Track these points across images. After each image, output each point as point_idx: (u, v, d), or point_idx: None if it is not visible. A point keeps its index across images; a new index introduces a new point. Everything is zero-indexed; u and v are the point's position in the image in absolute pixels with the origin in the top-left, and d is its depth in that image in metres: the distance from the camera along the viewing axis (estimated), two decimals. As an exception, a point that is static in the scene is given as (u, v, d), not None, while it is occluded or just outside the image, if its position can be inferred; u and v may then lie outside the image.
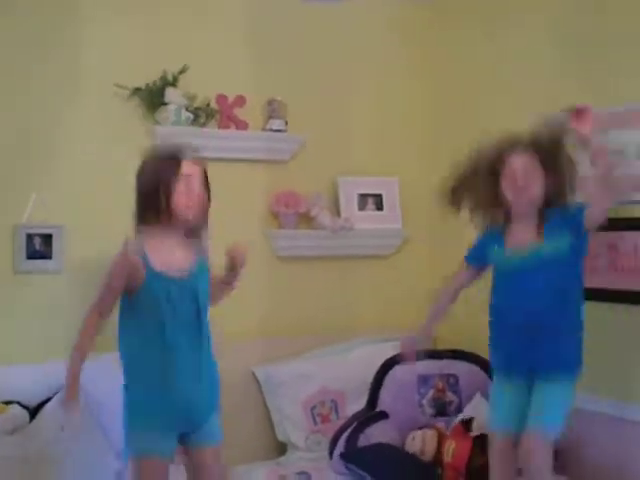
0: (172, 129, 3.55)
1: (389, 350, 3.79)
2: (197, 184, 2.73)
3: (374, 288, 4.15)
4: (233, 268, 2.83)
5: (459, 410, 3.63)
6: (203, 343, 2.76)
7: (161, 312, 2.66)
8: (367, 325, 4.05)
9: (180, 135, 3.54)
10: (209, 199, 2.77)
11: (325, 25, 4.04)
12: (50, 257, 3.41)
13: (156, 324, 2.66)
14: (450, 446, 3.30)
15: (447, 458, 3.30)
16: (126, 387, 2.74)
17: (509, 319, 2.94)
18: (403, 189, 4.15)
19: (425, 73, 4.27)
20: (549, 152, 2.94)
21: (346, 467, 3.40)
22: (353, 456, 3.40)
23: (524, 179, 2.90)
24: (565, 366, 2.91)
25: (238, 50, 3.82)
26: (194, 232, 2.79)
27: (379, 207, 4.14)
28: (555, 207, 2.94)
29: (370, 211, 4.13)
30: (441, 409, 3.66)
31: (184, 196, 2.69)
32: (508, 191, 2.93)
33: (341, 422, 3.60)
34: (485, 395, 3.62)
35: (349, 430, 3.50)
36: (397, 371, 3.70)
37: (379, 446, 3.42)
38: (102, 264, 3.41)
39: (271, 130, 3.84)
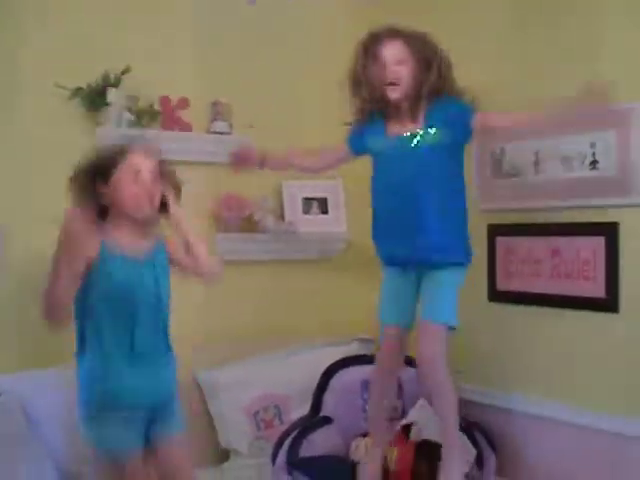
0: (114, 130, 3.49)
1: (333, 355, 3.79)
2: (147, 177, 2.70)
3: (318, 292, 4.13)
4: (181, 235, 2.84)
5: (403, 415, 3.63)
6: (159, 325, 2.73)
7: (114, 291, 2.62)
8: (311, 329, 4.03)
9: (122, 137, 3.50)
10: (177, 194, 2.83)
11: (271, 26, 4.02)
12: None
13: (108, 301, 2.62)
14: (392, 454, 3.30)
15: (391, 466, 3.30)
16: (82, 373, 2.68)
17: (388, 204, 3.01)
18: (348, 189, 4.14)
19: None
20: (422, 45, 3.01)
21: (289, 473, 3.38)
22: (296, 463, 3.38)
23: (395, 72, 2.98)
24: (450, 253, 2.98)
25: (182, 51, 3.78)
26: (148, 224, 2.78)
27: (324, 211, 4.13)
28: (437, 99, 2.99)
29: (314, 215, 4.11)
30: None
31: (130, 189, 2.67)
32: (378, 82, 3.01)
33: (285, 427, 3.58)
34: (428, 398, 3.64)
35: (292, 435, 3.48)
36: (341, 376, 3.70)
37: (322, 456, 3.42)
38: (41, 266, 3.39)
39: (215, 132, 3.81)
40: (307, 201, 4.10)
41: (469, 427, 3.53)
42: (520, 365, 3.58)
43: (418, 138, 2.96)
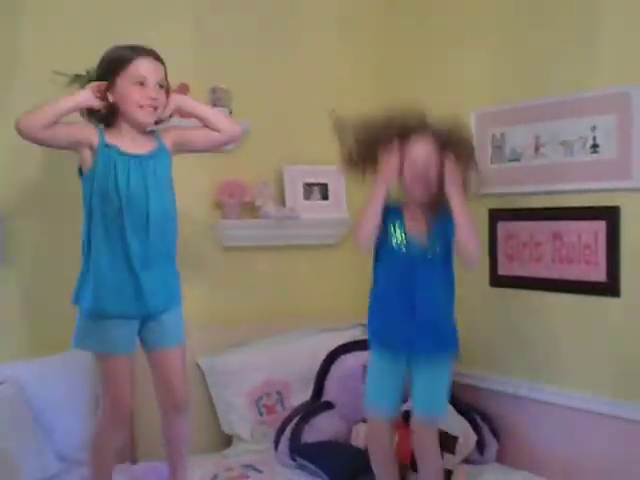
0: (113, 117, 3.49)
1: (335, 340, 3.79)
2: (152, 84, 2.75)
3: (319, 278, 4.13)
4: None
5: (405, 400, 3.63)
6: (150, 229, 2.75)
7: (106, 189, 2.69)
8: (313, 315, 4.03)
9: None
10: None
11: (270, 11, 4.01)
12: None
13: (101, 203, 2.69)
14: (393, 439, 3.30)
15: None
16: (82, 273, 2.77)
17: (393, 304, 3.01)
18: (349, 178, 4.13)
19: (372, 59, 4.25)
20: (453, 146, 2.98)
21: (292, 459, 3.40)
22: (299, 448, 3.39)
23: (425, 172, 2.96)
24: (444, 347, 3.02)
25: (182, 37, 3.76)
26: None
27: (325, 196, 4.12)
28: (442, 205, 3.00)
29: (315, 200, 4.11)
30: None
31: (136, 94, 2.72)
32: (408, 176, 2.98)
33: (287, 413, 3.59)
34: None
35: (294, 421, 3.49)
36: (342, 361, 3.70)
37: (325, 442, 3.44)
38: (42, 253, 3.40)
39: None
40: (308, 187, 4.09)
41: (470, 412, 3.54)
42: (522, 350, 3.58)
43: (429, 248, 3.00)
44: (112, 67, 2.77)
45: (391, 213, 3.03)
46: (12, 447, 2.94)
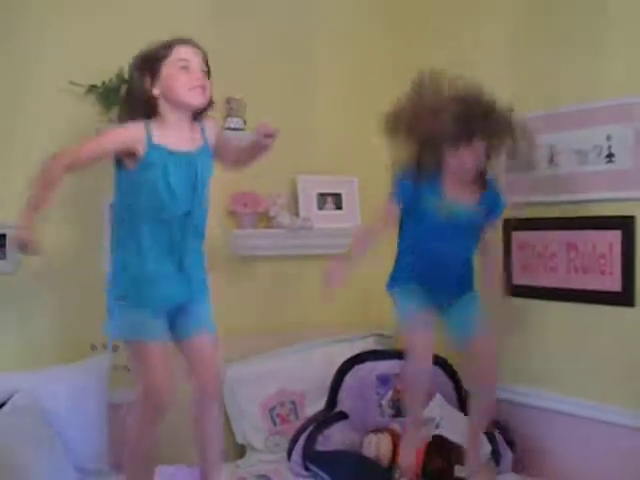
0: (129, 127, 3.50)
1: (349, 350, 3.78)
2: (196, 67, 2.76)
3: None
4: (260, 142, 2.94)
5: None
6: (192, 223, 2.78)
7: (156, 188, 2.69)
8: (327, 325, 4.03)
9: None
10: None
11: (285, 21, 4.02)
12: (4, 257, 3.34)
13: (148, 200, 2.70)
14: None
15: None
16: (113, 263, 2.79)
17: (437, 263, 3.10)
18: (362, 188, 4.14)
19: (385, 68, 4.25)
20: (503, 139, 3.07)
21: (305, 468, 3.39)
22: (312, 458, 3.38)
23: (473, 168, 3.06)
24: (471, 289, 3.20)
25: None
26: (200, 115, 2.86)
27: (338, 206, 4.13)
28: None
29: (329, 210, 4.11)
30: (400, 410, 3.63)
31: (183, 78, 2.72)
32: (455, 162, 3.04)
33: (301, 423, 3.58)
34: (445, 395, 3.63)
35: (308, 431, 3.48)
36: (356, 371, 3.69)
37: (338, 451, 3.42)
38: (56, 263, 3.41)
39: (229, 129, 3.80)
40: (322, 197, 4.10)
41: (485, 423, 3.52)
42: (536, 360, 3.56)
43: (477, 214, 3.11)
44: (155, 57, 2.76)
45: (422, 183, 3.08)
46: (27, 457, 2.93)
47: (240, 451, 3.69)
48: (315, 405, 3.69)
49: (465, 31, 3.89)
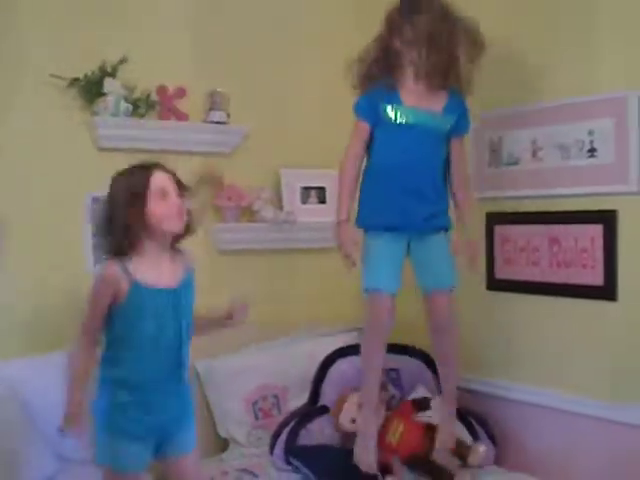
0: (111, 120, 3.49)
1: (332, 344, 3.78)
2: (173, 193, 2.66)
3: (317, 281, 4.13)
4: (229, 318, 2.89)
5: (401, 401, 3.63)
6: (177, 359, 2.72)
7: (142, 326, 2.63)
8: (310, 319, 4.03)
9: (119, 126, 3.50)
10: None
11: (268, 15, 4.02)
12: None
13: (136, 338, 2.63)
14: (398, 428, 3.28)
15: (393, 439, 3.29)
16: (101, 395, 2.69)
17: (401, 179, 3.04)
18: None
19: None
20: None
21: (287, 463, 3.39)
22: (294, 452, 3.38)
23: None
24: (443, 224, 3.14)
25: (179, 40, 3.77)
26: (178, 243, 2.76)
27: (322, 200, 4.12)
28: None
29: (313, 204, 4.11)
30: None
31: (162, 207, 2.63)
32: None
33: (283, 417, 3.58)
34: (427, 387, 3.64)
35: (290, 425, 3.48)
36: (339, 365, 3.69)
37: (321, 445, 3.43)
38: (39, 256, 3.40)
39: (212, 122, 3.80)
40: (305, 190, 4.09)
41: (466, 416, 3.53)
42: (519, 354, 3.58)
43: (442, 121, 3.07)
44: (139, 191, 2.62)
45: (384, 93, 3.06)
46: (9, 448, 2.92)
47: (223, 445, 3.68)
48: (298, 399, 3.68)
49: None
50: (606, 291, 3.22)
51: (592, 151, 3.25)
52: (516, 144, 3.53)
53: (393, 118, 3.06)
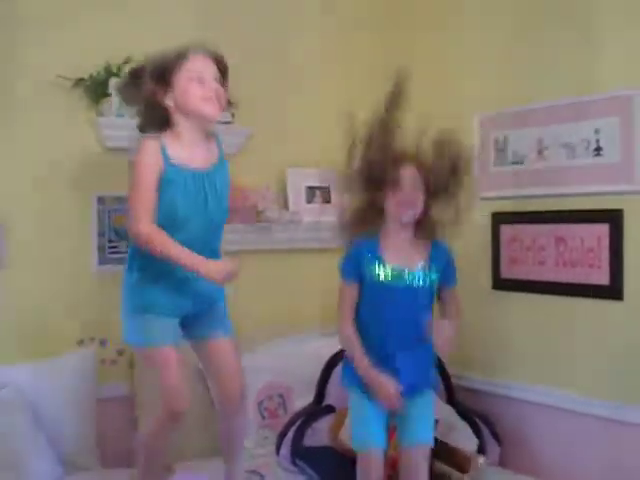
0: (116, 120, 3.49)
1: (336, 344, 3.76)
2: (209, 77, 2.68)
3: (321, 281, 4.10)
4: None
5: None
6: (208, 242, 2.71)
7: (177, 203, 2.60)
8: (315, 319, 4.02)
9: (124, 127, 3.50)
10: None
11: (271, 13, 4.01)
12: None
13: (169, 213, 2.60)
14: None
15: (394, 453, 3.26)
16: (130, 271, 2.69)
17: (376, 345, 2.86)
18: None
19: (372, 61, 4.24)
20: (438, 173, 2.84)
21: (293, 463, 3.38)
22: (300, 454, 3.38)
23: (412, 192, 2.81)
24: (428, 384, 2.93)
25: (184, 40, 3.75)
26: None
27: (327, 200, 4.12)
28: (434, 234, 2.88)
29: (318, 204, 4.10)
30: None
31: (196, 89, 2.64)
32: (392, 202, 2.83)
33: (289, 417, 3.58)
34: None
35: (296, 426, 3.48)
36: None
37: (327, 447, 3.41)
38: (45, 257, 3.40)
39: (217, 122, 3.78)
40: (310, 190, 4.09)
41: (471, 416, 3.52)
42: (524, 353, 3.57)
43: (424, 277, 2.85)
44: (167, 68, 2.65)
45: (368, 248, 2.87)
46: (14, 452, 2.94)
47: (229, 445, 3.68)
48: (303, 399, 3.68)
49: (454, 26, 3.89)
50: (612, 291, 3.22)
51: (598, 150, 3.24)
52: (522, 143, 3.52)
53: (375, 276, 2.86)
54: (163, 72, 2.65)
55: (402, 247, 2.87)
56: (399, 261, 2.85)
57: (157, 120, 2.66)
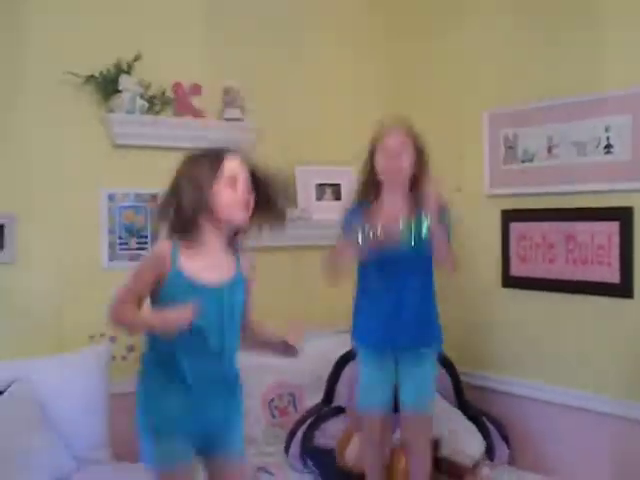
0: (126, 117, 3.50)
1: (346, 342, 3.77)
2: (242, 184, 2.48)
3: (332, 279, 4.11)
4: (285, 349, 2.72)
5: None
6: (224, 356, 2.57)
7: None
8: (325, 316, 4.02)
9: (134, 123, 3.51)
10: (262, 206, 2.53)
11: (283, 11, 4.02)
12: (2, 247, 3.34)
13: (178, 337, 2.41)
14: (400, 461, 3.24)
15: (399, 465, 3.25)
16: (141, 396, 2.57)
17: (378, 303, 3.07)
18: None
19: (382, 59, 4.26)
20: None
21: (303, 463, 3.39)
22: (310, 453, 3.38)
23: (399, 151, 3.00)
24: (429, 343, 3.07)
25: (194, 37, 3.77)
26: (237, 238, 2.57)
27: (337, 197, 4.12)
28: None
29: (328, 201, 4.10)
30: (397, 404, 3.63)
31: (227, 196, 2.45)
32: (381, 161, 3.03)
33: (299, 415, 3.58)
34: (441, 391, 3.62)
35: (305, 425, 3.48)
36: (354, 365, 3.67)
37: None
38: (55, 253, 3.41)
39: (228, 119, 3.79)
40: (320, 187, 4.09)
41: (479, 416, 3.51)
42: (534, 351, 3.56)
43: (418, 231, 2.96)
44: (208, 175, 2.45)
45: (355, 216, 3.02)
46: (26, 446, 2.94)
47: (238, 441, 3.68)
48: (314, 397, 3.68)
49: (466, 24, 3.88)
50: (622, 288, 3.21)
51: (609, 147, 3.23)
52: (531, 141, 3.51)
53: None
54: (204, 180, 2.45)
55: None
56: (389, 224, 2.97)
57: (181, 227, 2.48)
